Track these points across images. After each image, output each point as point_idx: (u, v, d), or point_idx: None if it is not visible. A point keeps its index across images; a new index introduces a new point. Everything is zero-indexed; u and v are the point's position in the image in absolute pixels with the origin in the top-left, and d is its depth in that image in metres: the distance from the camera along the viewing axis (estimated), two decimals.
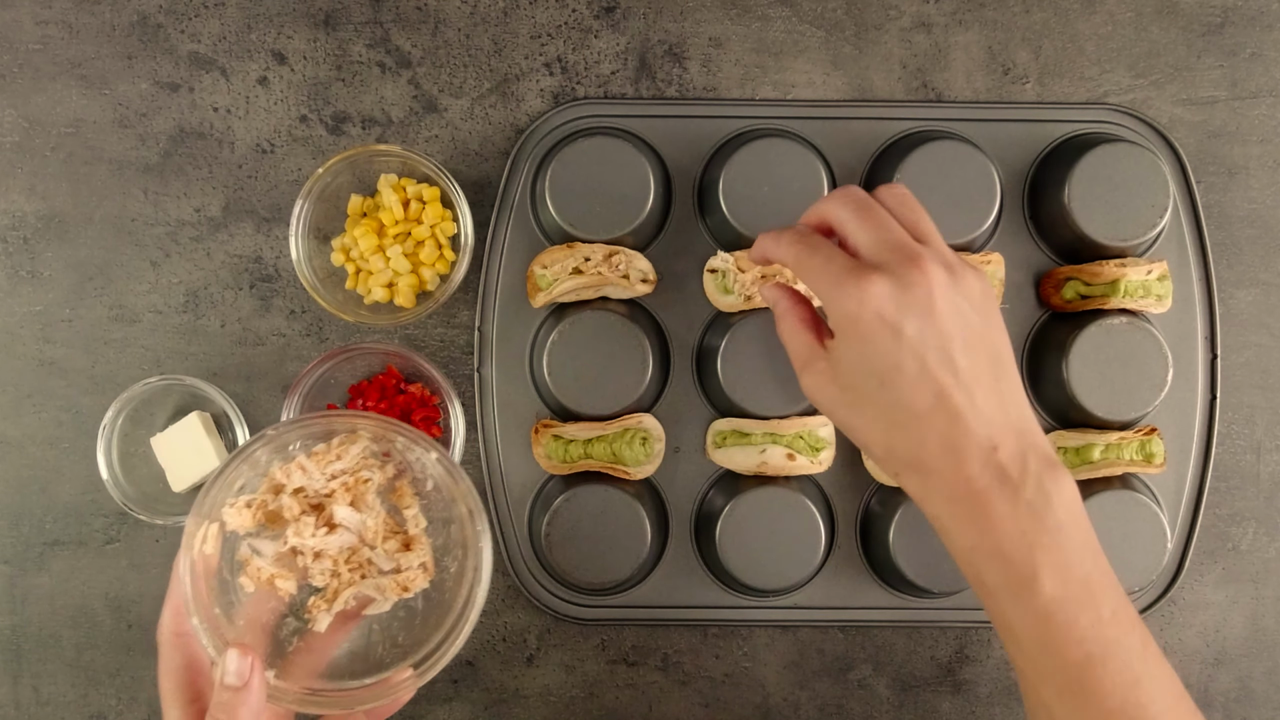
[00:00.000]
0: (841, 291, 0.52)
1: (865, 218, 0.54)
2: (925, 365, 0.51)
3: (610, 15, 0.74)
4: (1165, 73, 0.75)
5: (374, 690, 0.52)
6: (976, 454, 0.51)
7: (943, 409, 0.51)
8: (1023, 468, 0.51)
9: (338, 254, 0.72)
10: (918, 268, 0.52)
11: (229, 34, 0.73)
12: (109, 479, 0.71)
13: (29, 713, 0.74)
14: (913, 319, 0.51)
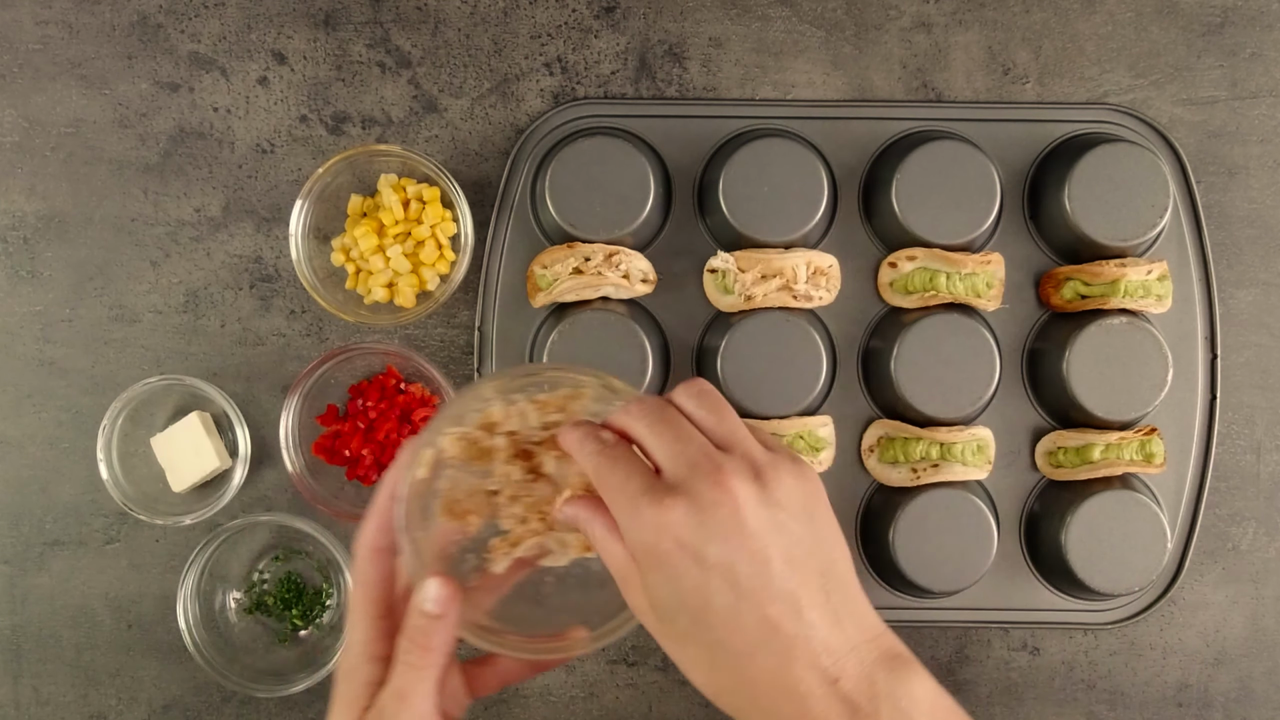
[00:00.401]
0: (637, 518, 0.46)
1: (661, 430, 0.48)
2: (741, 592, 0.45)
3: (610, 15, 0.74)
4: (1165, 73, 0.75)
5: (549, 644, 0.51)
6: (818, 691, 0.44)
7: (769, 645, 0.45)
8: (871, 692, 0.44)
9: (338, 254, 0.72)
10: (719, 484, 0.45)
11: (229, 34, 0.73)
12: (109, 479, 0.71)
13: (29, 713, 0.74)
14: (717, 543, 0.44)
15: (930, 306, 0.70)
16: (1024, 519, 0.73)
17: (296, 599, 0.74)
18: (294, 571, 0.74)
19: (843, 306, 0.73)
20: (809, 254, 0.70)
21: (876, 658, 0.46)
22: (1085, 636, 0.74)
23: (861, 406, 0.73)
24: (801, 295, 0.70)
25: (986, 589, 0.72)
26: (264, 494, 0.74)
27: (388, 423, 0.71)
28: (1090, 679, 0.75)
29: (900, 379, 0.69)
